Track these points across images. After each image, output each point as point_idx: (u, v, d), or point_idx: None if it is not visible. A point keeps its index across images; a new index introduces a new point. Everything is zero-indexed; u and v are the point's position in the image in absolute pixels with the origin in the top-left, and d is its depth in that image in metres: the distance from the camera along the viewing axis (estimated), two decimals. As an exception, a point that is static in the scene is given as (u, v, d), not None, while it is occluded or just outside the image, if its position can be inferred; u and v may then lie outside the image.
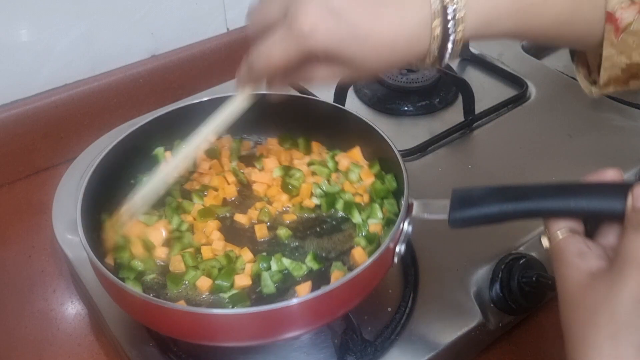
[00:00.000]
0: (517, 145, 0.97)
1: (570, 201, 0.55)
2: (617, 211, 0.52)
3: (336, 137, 0.86)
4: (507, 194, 0.59)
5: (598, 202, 0.54)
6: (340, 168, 0.83)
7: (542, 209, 0.57)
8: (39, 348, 0.81)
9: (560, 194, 0.56)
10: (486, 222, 0.60)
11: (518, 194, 0.58)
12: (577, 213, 0.55)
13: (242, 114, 0.69)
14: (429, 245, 0.82)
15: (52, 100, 1.04)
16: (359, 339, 0.70)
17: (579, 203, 0.54)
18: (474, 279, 0.79)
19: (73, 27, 1.03)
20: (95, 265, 0.65)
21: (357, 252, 0.74)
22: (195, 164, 0.85)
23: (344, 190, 0.81)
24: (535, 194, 0.57)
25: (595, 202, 0.54)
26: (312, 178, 0.82)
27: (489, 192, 0.60)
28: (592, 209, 0.54)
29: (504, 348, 0.79)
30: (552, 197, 0.56)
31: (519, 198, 0.58)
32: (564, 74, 1.15)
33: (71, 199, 0.89)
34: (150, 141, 0.85)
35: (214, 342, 0.65)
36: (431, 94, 1.09)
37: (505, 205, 0.58)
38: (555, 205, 0.56)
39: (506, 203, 0.58)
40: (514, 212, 0.58)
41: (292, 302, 0.61)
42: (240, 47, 1.21)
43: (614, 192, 0.54)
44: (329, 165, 0.83)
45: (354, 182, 0.81)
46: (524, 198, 0.58)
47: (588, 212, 0.55)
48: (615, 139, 1.00)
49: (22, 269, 0.91)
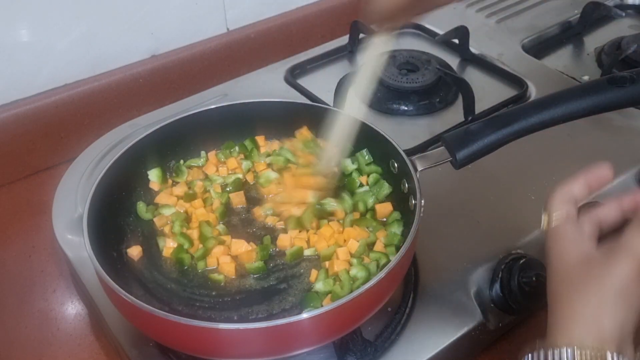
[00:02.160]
0: (517, 145, 0.97)
1: (549, 112, 0.67)
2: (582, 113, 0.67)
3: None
4: (498, 122, 0.69)
5: (572, 106, 0.67)
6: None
7: (530, 125, 0.67)
8: (39, 348, 0.81)
9: (540, 109, 0.68)
10: (487, 152, 0.69)
11: (507, 119, 0.69)
12: (559, 120, 0.67)
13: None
14: (429, 245, 0.82)
15: (53, 100, 1.04)
16: (359, 339, 0.70)
17: (556, 112, 0.67)
18: (474, 279, 0.79)
19: (73, 27, 1.03)
20: (100, 275, 0.65)
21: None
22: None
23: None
24: (521, 115, 0.68)
25: (570, 106, 0.67)
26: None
27: (483, 126, 0.69)
28: (568, 113, 0.67)
29: (504, 348, 0.79)
30: (535, 113, 0.67)
31: (510, 122, 0.68)
32: (564, 74, 1.15)
33: (71, 198, 0.90)
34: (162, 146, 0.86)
35: (214, 356, 0.65)
36: (431, 94, 1.09)
37: (500, 132, 0.68)
38: (540, 118, 0.67)
39: (501, 130, 0.68)
40: (508, 135, 0.68)
41: (302, 317, 0.60)
42: (240, 47, 1.21)
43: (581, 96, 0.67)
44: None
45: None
46: (513, 121, 0.68)
47: (565, 117, 0.67)
48: (615, 138, 1.00)
49: (22, 269, 0.91)
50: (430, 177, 0.82)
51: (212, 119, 0.87)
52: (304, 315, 0.59)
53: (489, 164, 0.90)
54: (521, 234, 0.84)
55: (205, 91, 1.13)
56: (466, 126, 0.71)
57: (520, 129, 0.68)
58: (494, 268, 0.79)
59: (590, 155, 0.97)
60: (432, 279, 0.79)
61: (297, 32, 1.27)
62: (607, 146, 0.99)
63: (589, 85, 0.69)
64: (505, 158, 0.93)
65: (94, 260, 0.64)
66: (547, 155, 0.97)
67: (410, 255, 0.70)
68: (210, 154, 0.90)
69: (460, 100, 1.05)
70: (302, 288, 0.74)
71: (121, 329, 0.74)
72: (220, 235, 0.79)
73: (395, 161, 0.78)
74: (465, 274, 0.79)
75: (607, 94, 0.67)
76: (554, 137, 0.99)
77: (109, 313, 0.75)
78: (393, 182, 0.81)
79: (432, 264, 0.80)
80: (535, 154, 0.96)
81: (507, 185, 0.92)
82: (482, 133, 0.69)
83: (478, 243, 0.83)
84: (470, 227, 0.85)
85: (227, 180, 0.87)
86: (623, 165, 0.95)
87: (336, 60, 1.21)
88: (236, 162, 0.88)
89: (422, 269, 0.80)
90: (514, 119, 0.69)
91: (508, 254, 0.80)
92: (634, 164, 0.94)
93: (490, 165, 0.92)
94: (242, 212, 0.84)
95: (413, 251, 0.73)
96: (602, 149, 0.98)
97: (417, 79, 1.09)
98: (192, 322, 0.60)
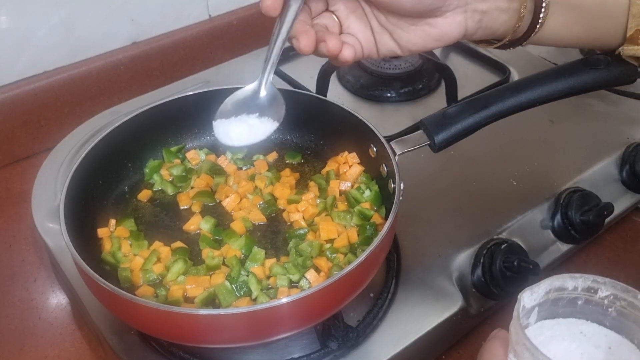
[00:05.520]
0: (499, 131, 0.98)
1: (525, 94, 0.68)
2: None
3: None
4: (476, 105, 0.69)
5: (548, 88, 0.68)
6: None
7: (508, 107, 0.69)
8: (20, 337, 0.80)
9: (516, 91, 0.69)
10: (465, 134, 0.70)
11: (485, 102, 0.69)
12: (535, 101, 0.69)
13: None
14: (411, 230, 0.82)
15: (32, 87, 1.03)
16: (341, 325, 0.70)
17: (533, 94, 0.68)
18: (456, 264, 0.79)
19: (52, 13, 1.02)
20: (78, 263, 0.64)
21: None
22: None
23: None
24: (498, 98, 0.69)
25: (546, 88, 0.68)
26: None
27: (461, 109, 0.70)
28: (544, 95, 0.68)
29: (486, 333, 0.78)
30: (512, 95, 0.68)
31: (487, 105, 0.69)
32: (546, 59, 1.16)
33: (51, 187, 0.89)
34: (140, 133, 0.84)
35: (195, 343, 0.64)
36: (414, 81, 1.09)
37: (478, 115, 0.69)
38: (517, 100, 0.68)
39: (478, 112, 0.69)
40: (486, 117, 0.69)
41: (282, 302, 0.59)
42: (222, 33, 1.20)
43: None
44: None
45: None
46: (490, 104, 0.69)
47: (541, 99, 0.68)
48: (597, 124, 1.01)
49: (3, 259, 0.90)
50: (412, 162, 0.83)
51: (193, 105, 0.86)
52: (284, 299, 0.59)
53: (471, 149, 0.91)
54: (503, 219, 0.84)
55: (187, 78, 1.12)
56: (444, 109, 0.71)
57: (497, 111, 0.69)
58: (476, 253, 0.80)
59: (571, 140, 0.97)
60: (414, 265, 0.79)
61: (280, 19, 1.27)
62: (588, 131, 0.99)
63: (565, 67, 0.69)
64: (488, 143, 0.94)
65: (71, 247, 0.63)
66: (529, 141, 0.97)
67: (390, 238, 0.70)
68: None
69: (443, 87, 1.05)
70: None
71: (102, 318, 0.74)
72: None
73: (374, 145, 0.78)
74: (447, 259, 0.79)
75: (583, 76, 0.68)
76: (536, 122, 1.00)
77: (90, 302, 0.74)
78: (372, 166, 0.81)
79: (414, 250, 0.81)
80: (517, 139, 0.97)
81: (489, 171, 0.92)
82: (459, 116, 0.69)
83: (460, 228, 0.83)
84: (452, 212, 0.86)
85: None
86: (604, 150, 0.95)
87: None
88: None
89: (404, 255, 0.80)
90: (491, 101, 0.69)
91: (490, 239, 0.81)
92: (615, 149, 0.95)
93: (472, 151, 0.92)
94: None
95: (393, 233, 0.73)
96: (583, 134, 0.99)
97: (400, 66, 1.09)
98: (172, 308, 0.59)
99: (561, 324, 0.49)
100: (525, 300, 0.46)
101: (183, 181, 0.84)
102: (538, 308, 0.48)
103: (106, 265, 0.73)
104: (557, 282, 0.47)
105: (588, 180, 0.91)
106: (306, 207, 0.78)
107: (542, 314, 0.48)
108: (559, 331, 0.48)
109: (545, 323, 0.49)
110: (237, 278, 0.71)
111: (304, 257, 0.72)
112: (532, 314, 0.48)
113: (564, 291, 0.48)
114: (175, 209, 0.81)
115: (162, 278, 0.72)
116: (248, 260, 0.73)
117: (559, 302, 0.48)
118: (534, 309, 0.48)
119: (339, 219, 0.77)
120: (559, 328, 0.49)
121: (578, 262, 0.89)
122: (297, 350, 0.71)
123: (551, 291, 0.47)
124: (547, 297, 0.47)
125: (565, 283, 0.47)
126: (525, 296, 0.46)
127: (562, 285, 0.47)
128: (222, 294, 0.68)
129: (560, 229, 0.86)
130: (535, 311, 0.48)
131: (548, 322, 0.49)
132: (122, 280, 0.71)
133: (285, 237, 0.77)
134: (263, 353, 0.71)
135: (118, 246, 0.74)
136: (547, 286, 0.47)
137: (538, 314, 0.48)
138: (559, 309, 0.48)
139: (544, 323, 0.49)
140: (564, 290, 0.48)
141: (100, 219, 0.78)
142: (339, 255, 0.73)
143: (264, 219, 0.79)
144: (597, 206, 0.85)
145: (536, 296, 0.47)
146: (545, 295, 0.47)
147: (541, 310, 0.48)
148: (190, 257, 0.74)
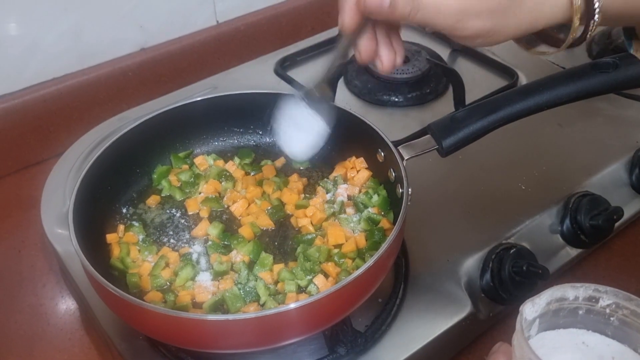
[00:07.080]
0: (508, 136, 0.97)
1: (534, 98, 0.67)
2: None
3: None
4: (483, 109, 0.69)
5: (557, 92, 0.67)
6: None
7: (516, 111, 0.68)
8: (29, 343, 0.80)
9: (525, 95, 0.68)
10: (473, 139, 0.69)
11: (492, 106, 0.69)
12: (544, 106, 0.68)
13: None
14: (419, 235, 0.82)
15: (41, 94, 1.04)
16: (349, 330, 0.70)
17: (541, 98, 0.67)
18: (465, 269, 0.79)
19: (61, 20, 1.02)
20: (87, 269, 0.64)
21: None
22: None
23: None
24: (506, 102, 0.68)
25: (555, 92, 0.67)
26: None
27: (469, 113, 0.70)
28: (553, 99, 0.67)
29: (495, 338, 0.79)
30: (520, 100, 0.68)
31: (495, 109, 0.68)
32: (554, 63, 1.15)
33: (60, 193, 0.89)
34: (149, 139, 0.85)
35: (203, 348, 0.64)
36: (421, 85, 1.08)
37: (486, 119, 0.68)
38: (525, 104, 0.68)
39: (486, 117, 0.68)
40: (494, 122, 0.68)
41: (290, 307, 0.59)
42: (230, 39, 1.21)
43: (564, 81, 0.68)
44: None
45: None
46: (498, 108, 0.68)
47: (549, 103, 0.68)
48: (606, 128, 1.00)
49: (12, 264, 0.91)
50: (420, 167, 0.82)
51: (200, 111, 0.86)
52: (292, 305, 0.59)
53: (479, 154, 0.91)
54: (511, 224, 0.84)
55: (195, 84, 1.12)
56: (452, 113, 0.71)
57: (505, 115, 0.68)
58: (485, 258, 0.79)
59: (580, 144, 0.97)
60: (422, 270, 0.79)
61: (287, 24, 1.27)
62: (597, 135, 0.99)
63: (574, 71, 0.69)
64: (496, 147, 0.94)
65: (80, 253, 0.64)
66: (538, 145, 0.97)
67: (399, 243, 0.70)
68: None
69: (450, 91, 1.05)
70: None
71: (111, 323, 0.74)
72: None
73: (382, 150, 0.78)
74: (456, 264, 0.79)
75: (591, 80, 0.67)
76: (545, 126, 1.00)
77: (99, 307, 0.74)
78: (380, 171, 0.81)
79: (423, 254, 0.80)
80: (526, 143, 0.96)
81: (498, 175, 0.92)
82: (467, 120, 0.69)
83: (468, 233, 0.83)
84: (460, 216, 0.85)
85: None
86: (613, 154, 0.95)
87: (326, 52, 1.20)
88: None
89: (412, 260, 0.80)
90: (499, 105, 0.69)
91: (498, 243, 0.81)
92: (625, 153, 0.95)
93: (480, 155, 0.92)
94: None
95: (401, 238, 0.73)
96: (592, 138, 0.98)
97: (408, 70, 1.09)
98: (180, 314, 0.60)
99: (562, 334, 0.48)
100: (527, 312, 0.46)
101: (191, 187, 0.84)
102: (539, 319, 0.47)
103: (115, 270, 0.73)
104: (558, 292, 0.47)
105: (597, 185, 0.90)
106: (314, 212, 0.78)
107: (543, 325, 0.48)
108: (561, 342, 0.48)
109: (546, 334, 0.48)
110: (246, 283, 0.71)
111: (312, 262, 0.72)
112: (533, 325, 0.47)
113: (564, 301, 0.47)
114: (183, 215, 0.82)
115: (171, 283, 0.72)
116: (256, 266, 0.73)
117: (559, 312, 0.47)
118: (535, 321, 0.47)
119: (346, 224, 0.77)
120: (560, 339, 0.48)
121: (587, 267, 0.89)
122: (305, 355, 0.71)
123: (552, 302, 0.47)
124: (548, 308, 0.47)
125: (566, 293, 0.47)
126: (526, 308, 0.46)
127: (563, 295, 0.47)
128: (230, 300, 0.68)
129: (569, 233, 0.86)
130: (537, 323, 0.47)
131: (549, 334, 0.48)
132: (131, 286, 0.71)
133: (293, 242, 0.77)
134: (271, 358, 0.71)
135: (127, 252, 0.75)
136: (548, 297, 0.46)
137: (539, 325, 0.47)
138: (560, 320, 0.48)
139: (545, 334, 0.48)
140: (564, 300, 0.47)
141: (109, 225, 0.79)
142: (347, 261, 0.73)
143: (272, 224, 0.79)
144: (607, 210, 0.84)
145: (537, 307, 0.47)
146: (547, 306, 0.47)
147: (542, 322, 0.47)
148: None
